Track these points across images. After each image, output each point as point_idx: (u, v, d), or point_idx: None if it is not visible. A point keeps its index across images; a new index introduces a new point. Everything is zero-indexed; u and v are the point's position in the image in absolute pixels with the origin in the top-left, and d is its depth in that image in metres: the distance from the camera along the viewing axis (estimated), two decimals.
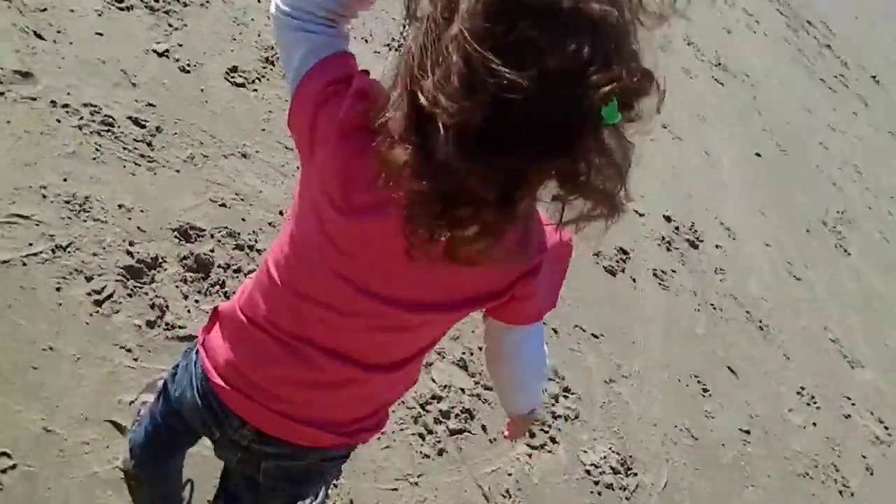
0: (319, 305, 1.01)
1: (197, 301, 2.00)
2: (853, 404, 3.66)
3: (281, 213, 2.37)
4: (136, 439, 1.51)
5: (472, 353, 2.46)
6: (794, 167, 5.74)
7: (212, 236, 2.16)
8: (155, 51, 2.55)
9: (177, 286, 1.99)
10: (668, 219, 3.81)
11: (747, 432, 3.06)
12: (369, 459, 2.03)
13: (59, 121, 2.15)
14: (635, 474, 2.55)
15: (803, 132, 6.53)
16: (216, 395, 1.13)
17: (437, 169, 0.71)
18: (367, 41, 3.32)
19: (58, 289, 1.81)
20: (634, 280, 3.30)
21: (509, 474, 2.25)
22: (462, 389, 2.34)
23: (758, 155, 5.40)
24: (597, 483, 2.44)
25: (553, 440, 2.44)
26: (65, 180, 2.03)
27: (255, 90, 2.71)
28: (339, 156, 0.89)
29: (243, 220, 2.27)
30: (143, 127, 2.29)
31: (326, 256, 0.97)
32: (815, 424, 3.36)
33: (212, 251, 2.13)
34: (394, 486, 2.01)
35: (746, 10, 8.66)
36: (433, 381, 2.29)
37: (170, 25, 2.66)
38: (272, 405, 1.09)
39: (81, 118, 2.19)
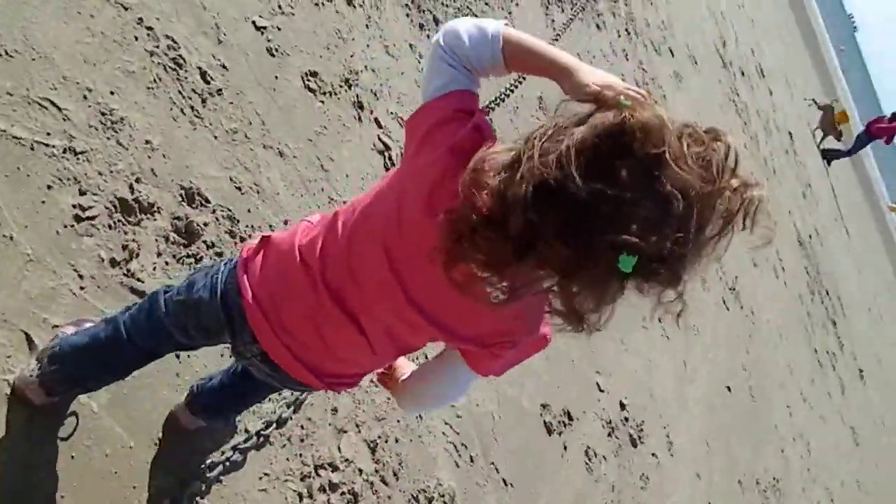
0: (360, 270, 1.21)
1: (167, 263, 1.96)
2: None
3: (285, 222, 2.35)
4: (86, 343, 1.50)
5: (387, 441, 2.39)
6: (754, 416, 5.77)
7: (213, 211, 2.13)
8: (254, 22, 2.59)
9: (156, 241, 1.95)
10: (622, 406, 3.80)
11: None
12: (244, 491, 1.94)
13: (136, 38, 2.15)
14: None
15: (777, 389, 6.59)
16: (241, 311, 1.29)
17: (502, 199, 0.92)
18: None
19: (49, 187, 1.77)
20: (566, 448, 3.26)
21: None
22: (360, 470, 2.26)
23: (728, 389, 5.44)
24: None
25: None
26: (112, 93, 2.01)
27: (322, 102, 2.74)
28: (441, 165, 1.09)
29: (249, 211, 2.25)
30: (208, 83, 2.30)
31: (386, 233, 1.16)
32: None
33: (205, 224, 2.09)
34: None
35: (779, 253, 8.90)
36: (339, 449, 2.21)
37: (279, 7, 2.71)
38: (284, 339, 1.28)
39: (157, 46, 2.20)
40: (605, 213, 0.88)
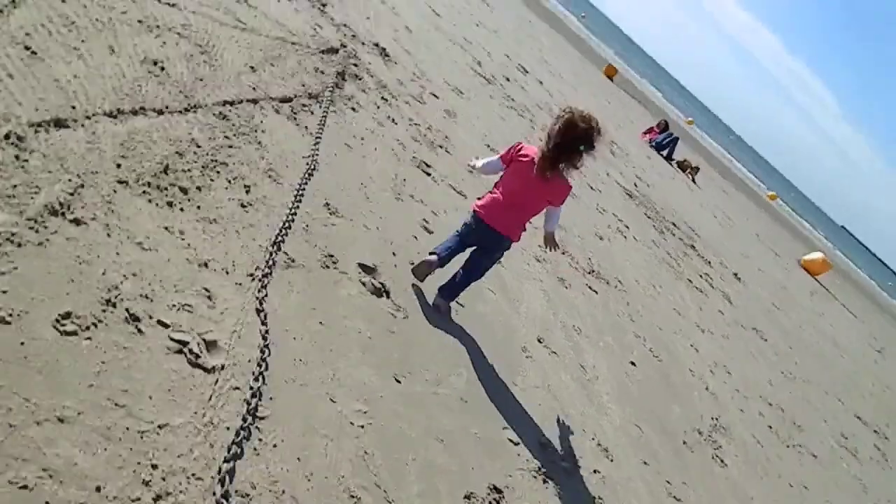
0: (516, 197, 4.01)
1: None
2: None
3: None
4: (451, 247, 4.14)
5: None
6: (667, 374, 5.89)
7: None
8: None
9: None
10: (543, 446, 3.72)
11: None
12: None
13: None
14: None
15: (674, 336, 6.79)
16: (480, 218, 4.05)
17: (548, 147, 3.87)
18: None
19: None
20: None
21: None
22: None
23: (633, 364, 5.53)
24: None
25: None
26: None
27: (89, 339, 2.50)
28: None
29: None
30: None
31: (516, 189, 4.04)
32: None
33: None
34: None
35: (617, 215, 9.30)
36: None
37: None
38: (488, 215, 4.02)
39: None
40: (577, 140, 3.76)
